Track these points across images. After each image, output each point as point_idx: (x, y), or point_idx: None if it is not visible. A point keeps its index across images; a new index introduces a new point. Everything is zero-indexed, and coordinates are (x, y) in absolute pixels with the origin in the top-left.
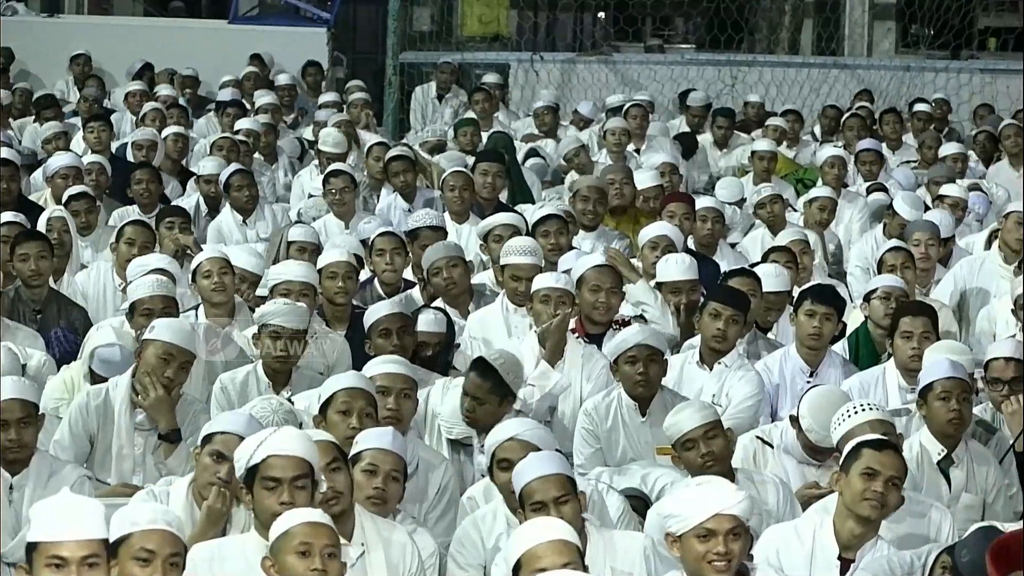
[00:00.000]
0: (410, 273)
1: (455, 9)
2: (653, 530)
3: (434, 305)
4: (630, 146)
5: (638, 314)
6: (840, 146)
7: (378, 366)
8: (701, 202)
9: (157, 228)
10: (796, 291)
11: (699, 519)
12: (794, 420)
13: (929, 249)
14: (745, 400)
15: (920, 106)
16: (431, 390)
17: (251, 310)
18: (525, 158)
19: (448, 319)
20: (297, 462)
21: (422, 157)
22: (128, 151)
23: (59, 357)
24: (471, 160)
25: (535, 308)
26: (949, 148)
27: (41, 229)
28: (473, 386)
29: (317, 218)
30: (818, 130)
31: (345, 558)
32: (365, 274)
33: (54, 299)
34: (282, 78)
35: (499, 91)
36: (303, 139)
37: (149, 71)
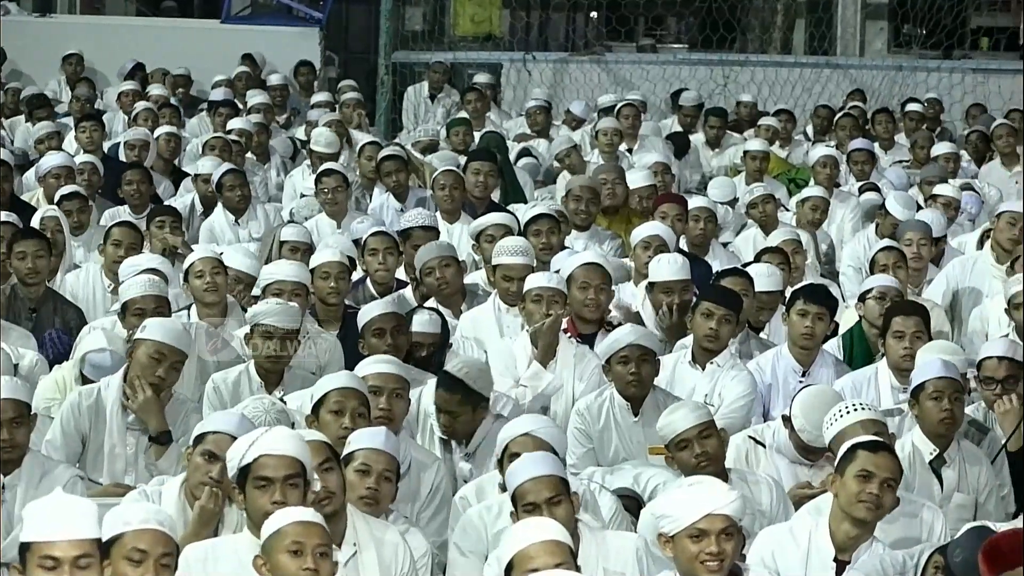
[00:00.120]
0: (402, 273)
1: (447, 9)
2: (646, 530)
3: (427, 305)
4: (622, 146)
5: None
6: (832, 146)
7: (370, 366)
8: (693, 202)
9: (148, 227)
10: (788, 291)
11: (692, 519)
12: (786, 420)
13: (921, 249)
14: (737, 400)
15: (912, 106)
16: (423, 390)
17: (243, 310)
18: (517, 158)
19: (443, 320)
20: (289, 461)
21: (414, 157)
22: (120, 151)
23: (52, 358)
24: (463, 160)
25: (527, 308)
26: (941, 148)
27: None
28: (443, 401)
29: (309, 218)
30: (810, 130)
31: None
32: (358, 274)
33: (50, 298)
34: (274, 78)
35: (491, 91)
36: (295, 139)
37: (141, 71)
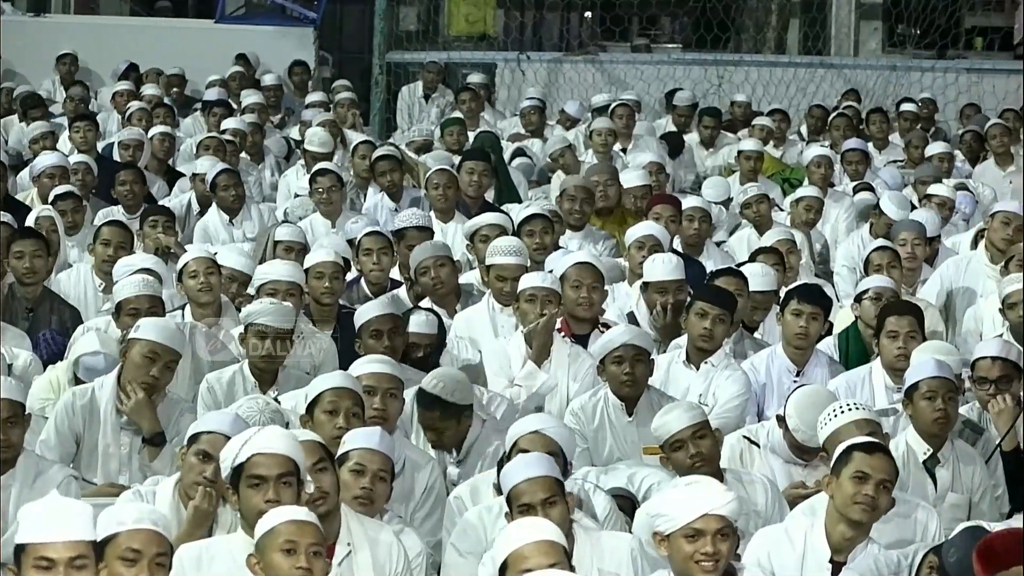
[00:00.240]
0: (397, 273)
1: (442, 8)
2: (641, 530)
3: (423, 306)
4: (616, 146)
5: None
6: (826, 146)
7: (364, 366)
8: (688, 202)
9: (141, 228)
10: (783, 291)
11: (687, 519)
12: (781, 420)
13: (915, 249)
14: (732, 400)
15: (907, 106)
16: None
17: (238, 310)
18: (511, 157)
19: (440, 321)
20: (282, 460)
21: (409, 157)
22: (114, 151)
23: (46, 359)
24: (457, 159)
25: (521, 308)
26: (935, 148)
27: None
28: (424, 419)
29: (304, 218)
30: (804, 130)
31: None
32: (352, 274)
33: (47, 298)
34: (268, 78)
35: (485, 90)
36: (290, 139)
37: (135, 71)
